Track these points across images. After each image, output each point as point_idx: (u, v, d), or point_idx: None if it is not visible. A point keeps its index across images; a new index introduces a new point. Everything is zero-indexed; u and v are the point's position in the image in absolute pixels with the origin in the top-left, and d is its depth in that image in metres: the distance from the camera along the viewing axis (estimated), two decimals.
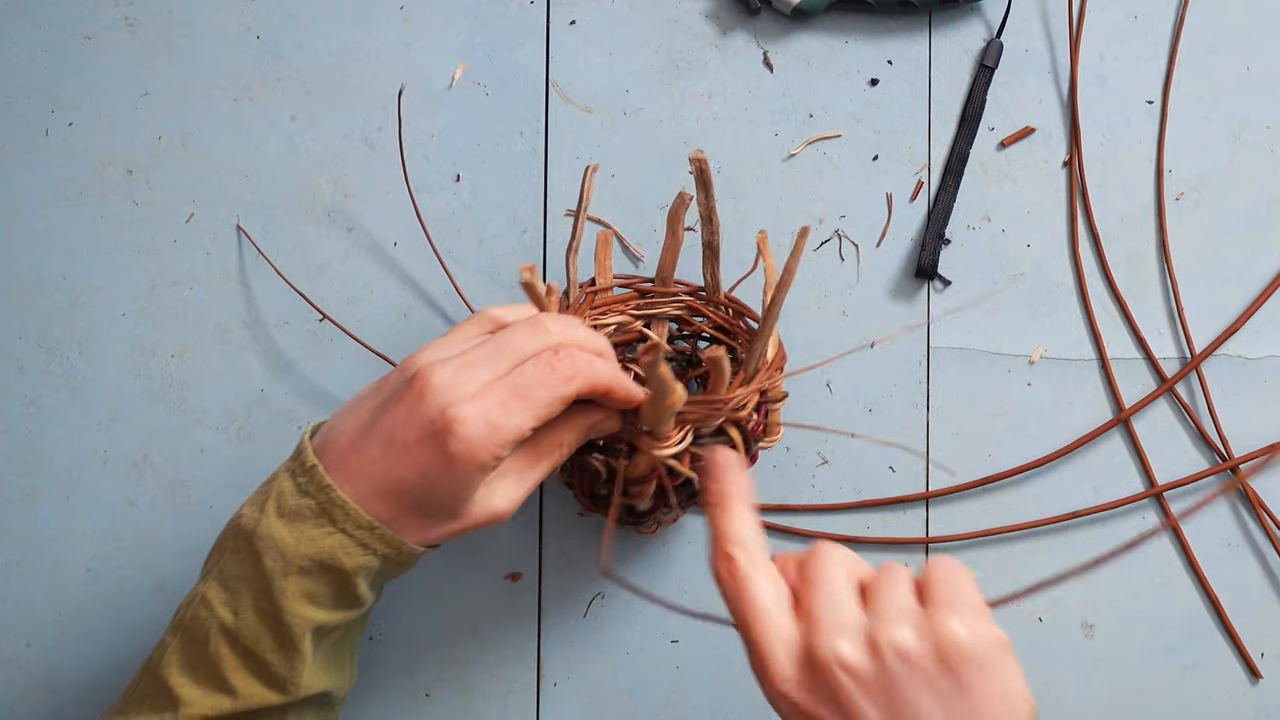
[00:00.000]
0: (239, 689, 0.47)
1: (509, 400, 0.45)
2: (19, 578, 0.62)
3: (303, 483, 0.47)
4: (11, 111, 0.63)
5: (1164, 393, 0.64)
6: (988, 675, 0.40)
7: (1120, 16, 0.65)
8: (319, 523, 0.46)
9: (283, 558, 0.46)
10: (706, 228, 0.57)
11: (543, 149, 0.64)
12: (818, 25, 0.65)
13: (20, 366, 0.63)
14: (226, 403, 0.63)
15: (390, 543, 0.47)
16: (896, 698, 0.39)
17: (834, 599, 0.42)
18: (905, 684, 0.39)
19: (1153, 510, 0.64)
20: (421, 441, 0.45)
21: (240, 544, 0.48)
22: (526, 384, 0.46)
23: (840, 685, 0.40)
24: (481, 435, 0.45)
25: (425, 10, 0.64)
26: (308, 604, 0.47)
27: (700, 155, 0.54)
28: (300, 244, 0.63)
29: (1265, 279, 0.65)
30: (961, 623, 0.40)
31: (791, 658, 0.41)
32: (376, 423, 0.46)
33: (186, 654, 0.48)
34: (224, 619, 0.47)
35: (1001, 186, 0.64)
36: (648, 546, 0.63)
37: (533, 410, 0.45)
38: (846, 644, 0.40)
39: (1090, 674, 0.64)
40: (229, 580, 0.48)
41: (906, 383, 0.64)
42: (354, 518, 0.46)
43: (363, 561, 0.47)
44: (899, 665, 0.40)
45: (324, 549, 0.46)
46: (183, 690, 0.47)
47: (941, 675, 0.40)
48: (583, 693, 0.63)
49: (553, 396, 0.46)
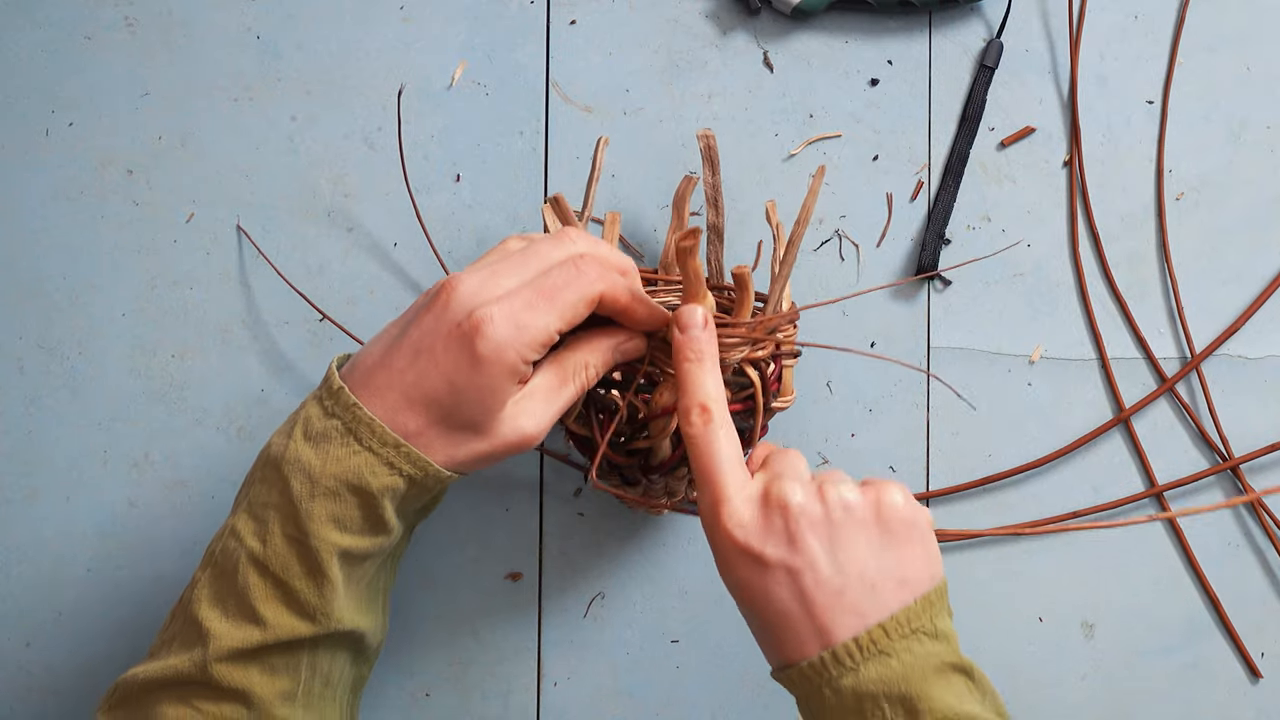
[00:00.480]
0: (268, 619, 0.47)
1: (535, 300, 0.46)
2: (19, 578, 0.62)
3: (329, 405, 0.47)
4: (11, 111, 0.63)
5: (1164, 393, 0.64)
6: (915, 538, 0.46)
7: (1120, 16, 0.65)
8: (345, 441, 0.46)
9: (310, 480, 0.46)
10: (711, 211, 0.57)
11: (543, 149, 0.64)
12: (818, 25, 0.65)
13: (20, 366, 0.63)
14: (226, 403, 0.63)
15: (416, 462, 0.47)
16: (835, 537, 0.45)
17: (791, 460, 0.48)
18: (846, 528, 0.45)
19: (1153, 510, 0.64)
20: (449, 346, 0.46)
21: (269, 472, 0.48)
22: (552, 285, 0.46)
23: (791, 521, 0.45)
24: (509, 335, 0.45)
25: (425, 10, 0.64)
26: (334, 528, 0.47)
27: (709, 132, 0.54)
28: (300, 244, 0.63)
29: (1265, 279, 0.65)
30: (898, 491, 0.47)
31: (746, 503, 0.46)
32: (404, 335, 0.47)
33: (216, 587, 0.48)
34: (252, 548, 0.47)
35: (1001, 186, 0.65)
36: (648, 546, 0.63)
37: (559, 310, 0.46)
38: (799, 489, 0.46)
39: (1090, 674, 0.64)
40: (257, 509, 0.48)
41: (906, 383, 0.64)
42: (380, 435, 0.46)
43: (389, 482, 0.47)
44: (842, 513, 0.46)
45: (350, 469, 0.46)
46: (212, 624, 0.47)
47: (876, 527, 0.46)
48: (583, 693, 0.63)
49: (578, 297, 0.47)
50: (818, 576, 0.44)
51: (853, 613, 0.44)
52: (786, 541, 0.45)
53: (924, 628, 0.45)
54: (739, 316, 0.51)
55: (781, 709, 0.63)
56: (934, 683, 0.44)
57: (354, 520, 0.47)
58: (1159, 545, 0.64)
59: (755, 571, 0.45)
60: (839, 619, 0.44)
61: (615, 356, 0.50)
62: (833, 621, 0.44)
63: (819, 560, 0.45)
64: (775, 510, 0.45)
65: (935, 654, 0.44)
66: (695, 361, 0.47)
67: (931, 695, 0.43)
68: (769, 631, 0.46)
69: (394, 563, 0.54)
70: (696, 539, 0.63)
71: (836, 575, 0.44)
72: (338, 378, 0.48)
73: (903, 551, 0.46)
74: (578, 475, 0.63)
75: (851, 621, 0.44)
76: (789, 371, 0.56)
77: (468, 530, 0.63)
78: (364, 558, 0.49)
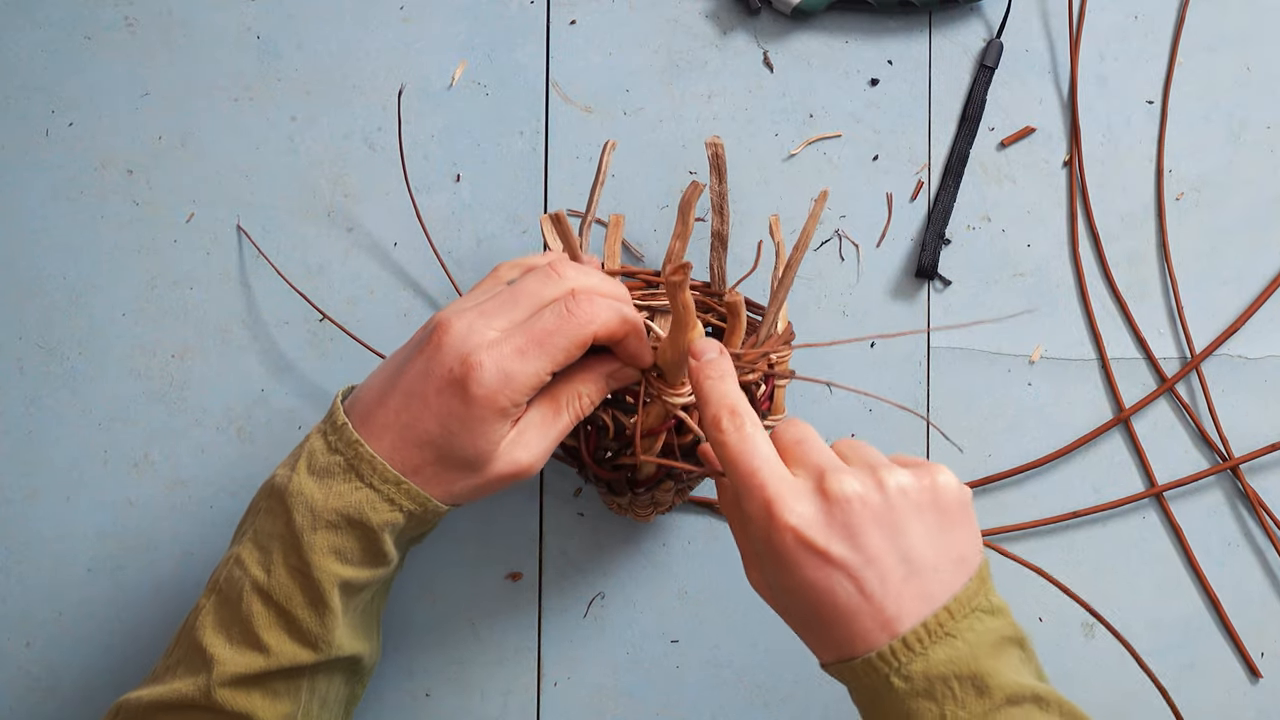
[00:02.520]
0: (271, 646, 0.48)
1: (526, 346, 0.47)
2: (19, 578, 0.62)
3: (333, 440, 0.49)
4: (11, 111, 0.63)
5: (1164, 393, 0.64)
6: (965, 517, 0.46)
7: (1120, 16, 0.65)
8: (347, 477, 0.48)
9: (312, 513, 0.47)
10: (717, 218, 0.57)
11: (543, 149, 0.64)
12: (818, 25, 0.65)
13: (20, 366, 0.63)
14: (226, 403, 0.63)
15: (416, 499, 0.48)
16: (897, 525, 0.44)
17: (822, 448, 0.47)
18: (904, 514, 0.44)
19: (1153, 510, 0.64)
20: (441, 391, 0.47)
21: (273, 503, 0.49)
22: (542, 330, 0.47)
23: (854, 514, 0.44)
24: (498, 382, 0.46)
25: (425, 10, 0.64)
26: (336, 560, 0.48)
27: (717, 140, 0.54)
28: (300, 244, 0.63)
29: (1265, 279, 0.65)
30: (950, 475, 0.46)
31: (801, 498, 0.44)
32: (399, 377, 0.48)
33: (220, 614, 0.49)
34: (256, 577, 0.48)
35: (1001, 186, 0.65)
36: (648, 546, 0.63)
37: (550, 355, 0.47)
38: (856, 480, 0.44)
39: (1090, 674, 0.64)
40: (261, 539, 0.49)
41: (906, 383, 0.64)
42: (381, 472, 0.47)
43: (389, 518, 0.48)
44: (900, 499, 0.45)
45: (351, 504, 0.47)
46: (216, 650, 0.48)
47: (932, 509, 0.45)
48: (583, 693, 0.63)
49: (569, 342, 0.47)
50: (883, 569, 0.44)
51: (919, 598, 0.44)
52: (849, 535, 0.44)
53: (982, 605, 0.45)
54: (731, 343, 0.51)
55: (781, 709, 0.63)
56: (997, 657, 0.44)
57: (354, 552, 0.48)
58: (1159, 545, 0.64)
59: (819, 568, 0.44)
60: (906, 606, 0.44)
61: (610, 384, 0.51)
62: (900, 610, 0.44)
63: (884, 552, 0.44)
64: (836, 504, 0.44)
65: (995, 629, 0.44)
66: (716, 379, 0.47)
67: (998, 670, 0.43)
68: (829, 628, 0.45)
69: (386, 588, 0.55)
70: (696, 539, 0.63)
71: (901, 564, 0.44)
72: (341, 412, 0.49)
73: (957, 532, 0.45)
74: (578, 476, 0.63)
75: (918, 607, 0.44)
76: (780, 392, 0.56)
77: (468, 530, 0.63)
78: (363, 587, 0.50)
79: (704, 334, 0.49)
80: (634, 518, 0.60)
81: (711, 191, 0.56)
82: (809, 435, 0.47)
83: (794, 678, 0.63)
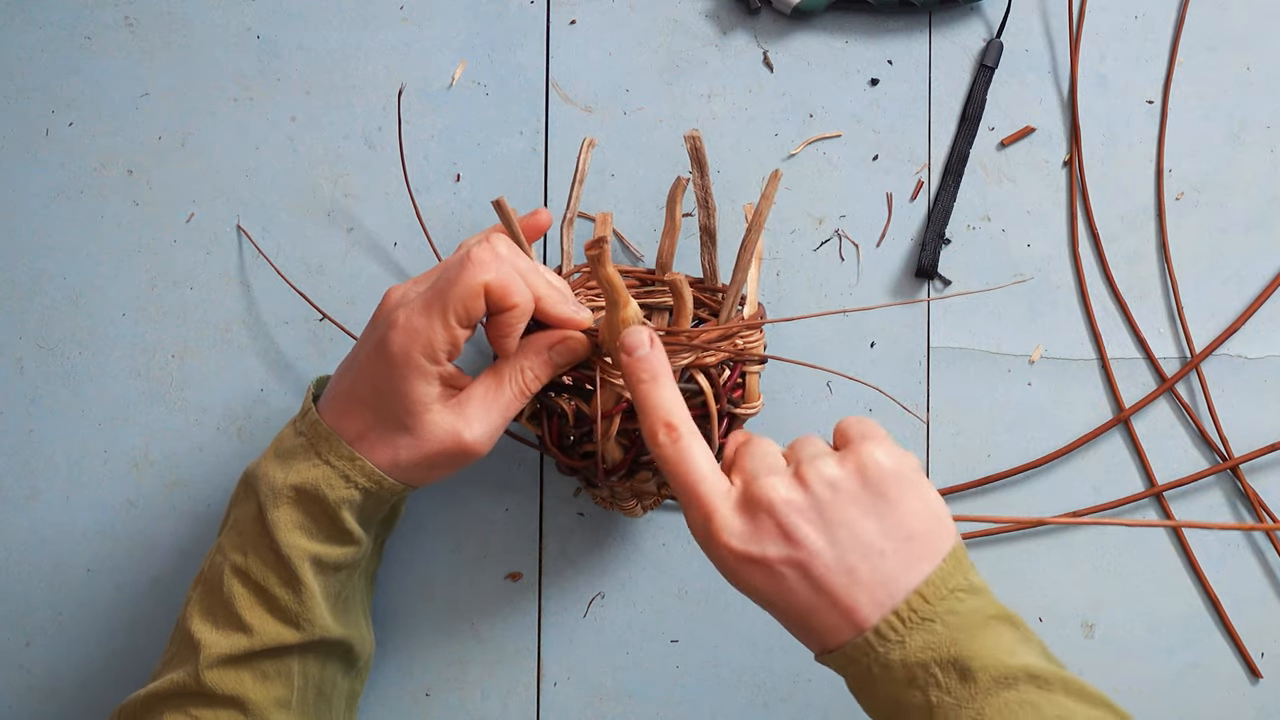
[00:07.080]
0: (254, 625, 0.49)
1: (430, 299, 0.48)
2: (19, 578, 0.62)
3: (299, 424, 0.52)
4: (11, 111, 0.63)
5: (1164, 393, 0.64)
6: (909, 489, 0.45)
7: (1120, 16, 0.65)
8: (307, 456, 0.50)
9: (273, 491, 0.50)
10: (702, 212, 0.57)
11: (543, 149, 0.64)
12: (818, 25, 0.65)
13: (20, 366, 0.63)
14: (226, 403, 0.63)
15: (370, 475, 0.50)
16: (832, 518, 0.44)
17: (762, 453, 0.47)
18: (837, 506, 0.44)
19: (1153, 510, 0.64)
20: (370, 352, 0.50)
21: (245, 489, 0.52)
22: (444, 282, 0.48)
23: (780, 517, 0.44)
24: (407, 337, 0.48)
25: (425, 10, 0.64)
26: (301, 534, 0.50)
27: (695, 133, 0.54)
28: (300, 244, 0.63)
29: (1265, 279, 0.65)
30: (877, 448, 0.45)
31: (733, 509, 0.45)
32: (353, 352, 0.52)
33: (206, 601, 0.51)
34: (235, 560, 0.50)
35: (1001, 186, 0.65)
36: (648, 546, 0.63)
37: (450, 306, 0.48)
38: (780, 483, 0.45)
39: (1090, 674, 0.63)
40: (238, 524, 0.51)
41: (907, 383, 0.64)
42: (335, 448, 0.50)
43: (345, 494, 0.50)
44: (828, 492, 0.44)
45: (308, 480, 0.49)
46: (203, 635, 0.50)
47: (866, 493, 0.44)
48: (583, 693, 0.63)
49: (464, 290, 0.48)
50: (825, 562, 0.44)
51: (875, 585, 0.44)
52: (782, 538, 0.44)
53: (960, 585, 0.44)
54: (678, 323, 0.51)
55: (781, 709, 0.63)
56: (981, 639, 0.43)
57: (317, 529, 0.50)
58: (1159, 545, 0.64)
59: (763, 575, 0.45)
60: (861, 596, 0.44)
61: (553, 358, 0.51)
62: (855, 600, 0.44)
63: (820, 547, 0.44)
64: (762, 511, 0.44)
65: (977, 609, 0.44)
66: (650, 381, 0.47)
67: (982, 653, 0.43)
68: (799, 625, 0.45)
69: (368, 579, 0.57)
70: None
71: (843, 556, 0.44)
72: (309, 397, 0.52)
73: (900, 508, 0.44)
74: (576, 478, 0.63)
75: (877, 595, 0.44)
76: (754, 378, 0.55)
77: (468, 530, 0.63)
78: (337, 567, 0.51)
79: (640, 315, 0.48)
80: (622, 512, 0.59)
81: (695, 185, 0.56)
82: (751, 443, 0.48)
83: (794, 678, 0.63)
